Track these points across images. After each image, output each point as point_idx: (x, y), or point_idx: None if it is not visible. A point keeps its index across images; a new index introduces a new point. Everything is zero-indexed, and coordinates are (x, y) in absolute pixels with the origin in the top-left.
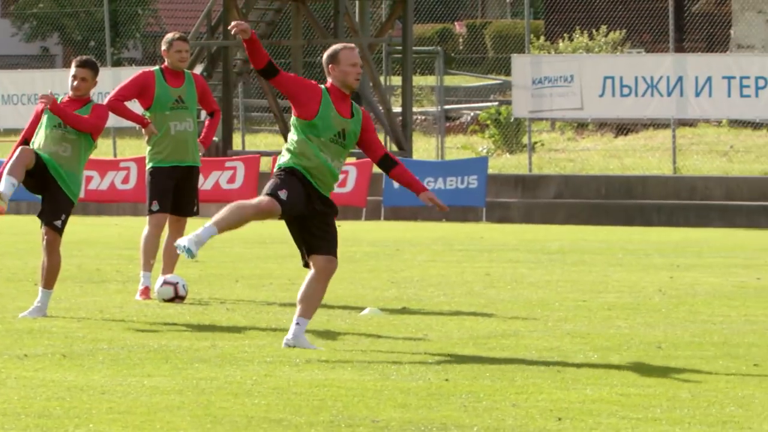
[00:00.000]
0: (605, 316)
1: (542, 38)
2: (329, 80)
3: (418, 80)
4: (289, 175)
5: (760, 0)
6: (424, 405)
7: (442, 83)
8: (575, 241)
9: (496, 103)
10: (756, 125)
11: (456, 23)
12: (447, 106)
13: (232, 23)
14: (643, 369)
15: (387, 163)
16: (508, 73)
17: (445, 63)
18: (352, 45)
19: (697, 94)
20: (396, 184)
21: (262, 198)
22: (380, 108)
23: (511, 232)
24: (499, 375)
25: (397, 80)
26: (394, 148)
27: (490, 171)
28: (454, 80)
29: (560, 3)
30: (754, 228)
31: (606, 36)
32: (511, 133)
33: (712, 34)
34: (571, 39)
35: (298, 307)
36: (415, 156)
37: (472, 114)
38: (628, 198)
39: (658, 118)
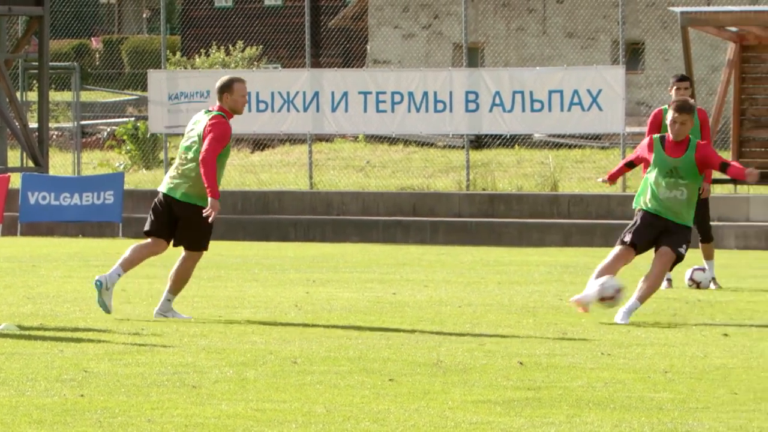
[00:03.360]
0: (241, 331)
1: (179, 54)
2: None
3: (55, 96)
4: None
5: (396, 15)
6: (59, 421)
7: (78, 99)
8: (211, 257)
9: (133, 119)
10: (392, 140)
11: (92, 39)
12: (83, 122)
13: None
14: (278, 384)
15: None
16: (144, 88)
17: (81, 78)
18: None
19: (334, 110)
20: (33, 199)
21: None
22: (17, 123)
23: None
24: (134, 391)
25: (33, 96)
26: (31, 163)
27: (127, 186)
28: (90, 96)
29: (196, 19)
30: (389, 243)
31: (243, 51)
32: (148, 149)
33: (348, 50)
34: (207, 54)
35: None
36: (52, 171)
37: (108, 129)
38: (265, 213)
39: (295, 133)
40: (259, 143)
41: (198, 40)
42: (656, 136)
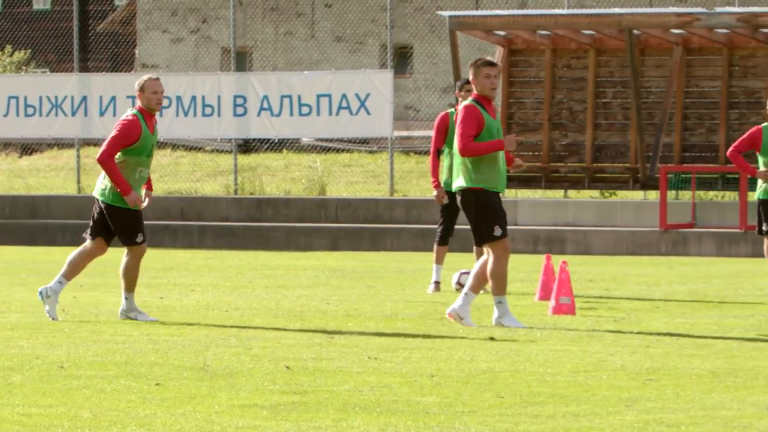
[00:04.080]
0: (8, 336)
1: None
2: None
3: None
4: None
5: (165, 20)
6: None
7: None
8: None
9: None
10: (160, 144)
11: None
12: None
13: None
14: (45, 389)
15: None
16: None
17: None
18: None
19: (102, 114)
20: None
21: None
22: None
23: None
24: None
25: None
26: None
27: None
28: None
29: None
30: (157, 247)
31: (11, 56)
32: None
33: (117, 54)
34: None
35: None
36: None
37: None
38: (33, 218)
39: (63, 137)
40: (28, 148)
41: None
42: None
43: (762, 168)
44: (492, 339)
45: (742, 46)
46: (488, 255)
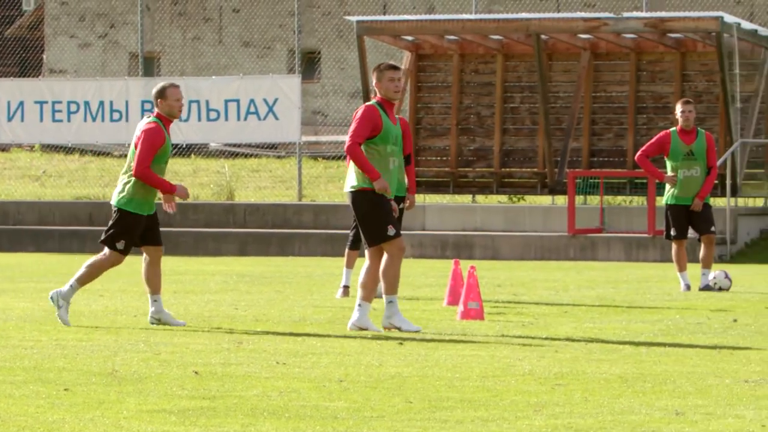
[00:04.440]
0: None
1: None
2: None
3: None
4: None
5: (73, 25)
6: None
7: None
8: None
9: None
10: (68, 150)
11: None
12: None
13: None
14: None
15: None
16: None
17: None
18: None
19: (9, 119)
20: None
21: None
22: None
23: None
24: None
25: None
26: None
27: None
28: None
29: None
30: (66, 253)
31: None
32: None
33: (25, 59)
34: None
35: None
36: None
37: None
38: None
39: None
40: None
41: None
42: None
43: (670, 173)
44: (401, 344)
45: (650, 51)
46: (368, 260)
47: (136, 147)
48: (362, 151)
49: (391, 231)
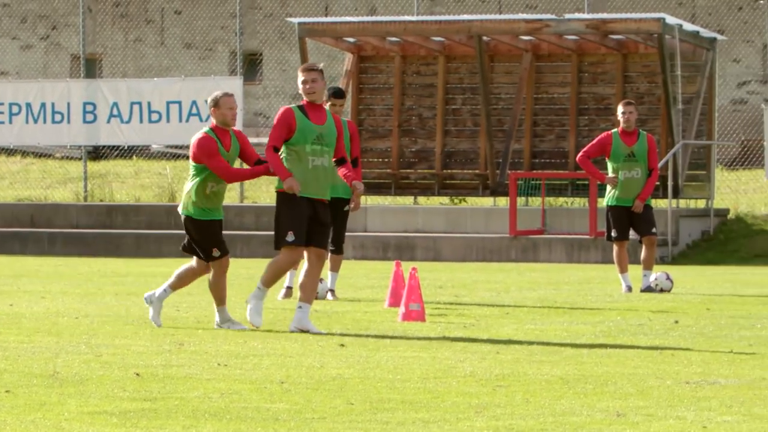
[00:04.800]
0: None
1: None
2: None
3: None
4: None
5: (14, 26)
6: None
7: None
8: None
9: None
10: (10, 152)
11: None
12: None
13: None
14: None
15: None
16: None
17: None
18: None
19: None
20: None
21: None
22: None
23: None
24: None
25: None
26: None
27: None
28: None
29: None
30: (7, 254)
31: None
32: None
33: None
34: None
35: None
36: None
37: None
38: None
39: None
40: None
41: None
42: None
43: (611, 174)
44: (342, 346)
45: (592, 53)
46: (307, 262)
47: (194, 160)
48: (277, 154)
49: (290, 237)
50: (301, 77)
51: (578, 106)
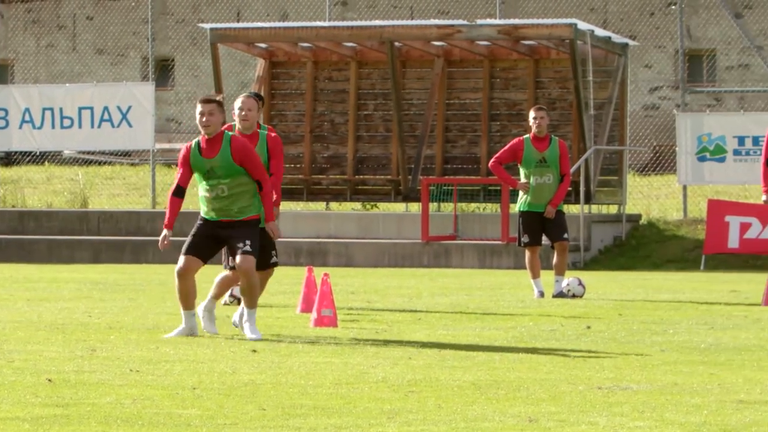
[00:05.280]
0: None
1: None
2: None
3: None
4: None
5: None
6: None
7: None
8: None
9: None
10: None
11: None
12: None
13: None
14: None
15: None
16: None
17: None
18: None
19: None
20: None
21: None
22: None
23: None
24: None
25: None
26: None
27: None
28: None
29: None
30: None
31: None
32: None
33: None
34: None
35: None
36: None
37: None
38: None
39: None
40: None
41: None
42: None
43: (523, 180)
44: (254, 351)
45: (504, 58)
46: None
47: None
48: (176, 196)
49: (181, 259)
50: (198, 108)
51: (490, 112)
